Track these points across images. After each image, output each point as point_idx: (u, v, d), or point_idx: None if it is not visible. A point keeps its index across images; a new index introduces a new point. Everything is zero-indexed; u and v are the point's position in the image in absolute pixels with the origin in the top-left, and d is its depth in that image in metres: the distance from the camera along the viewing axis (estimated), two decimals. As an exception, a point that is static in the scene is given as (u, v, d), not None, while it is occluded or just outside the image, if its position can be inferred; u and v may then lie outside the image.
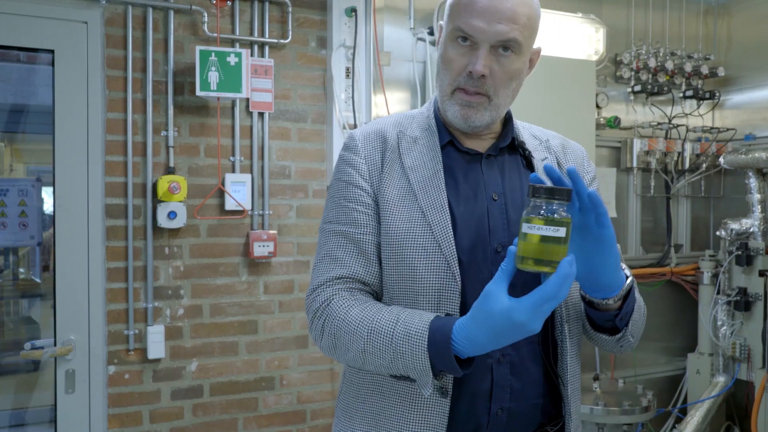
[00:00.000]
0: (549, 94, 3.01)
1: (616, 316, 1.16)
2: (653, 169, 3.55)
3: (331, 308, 1.18)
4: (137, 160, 2.61)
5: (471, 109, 1.21)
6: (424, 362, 1.07)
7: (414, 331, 1.08)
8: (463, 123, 1.23)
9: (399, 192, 1.22)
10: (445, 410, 1.15)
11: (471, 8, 1.17)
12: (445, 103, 1.24)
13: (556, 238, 0.99)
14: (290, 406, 2.87)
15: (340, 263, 1.22)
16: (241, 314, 2.78)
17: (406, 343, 1.08)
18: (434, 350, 1.06)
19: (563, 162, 1.33)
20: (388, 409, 1.19)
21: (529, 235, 0.99)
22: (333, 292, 1.20)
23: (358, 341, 1.14)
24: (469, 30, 1.17)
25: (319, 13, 2.89)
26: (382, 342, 1.11)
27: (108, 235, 2.57)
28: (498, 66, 1.19)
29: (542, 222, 0.99)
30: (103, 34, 2.55)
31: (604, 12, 3.44)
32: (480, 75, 1.18)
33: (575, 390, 1.25)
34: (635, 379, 3.50)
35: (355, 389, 1.26)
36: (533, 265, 1.00)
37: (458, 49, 1.20)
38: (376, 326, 1.12)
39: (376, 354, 1.12)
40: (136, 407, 2.62)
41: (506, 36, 1.17)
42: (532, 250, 0.99)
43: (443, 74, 1.23)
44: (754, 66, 3.60)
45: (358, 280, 1.22)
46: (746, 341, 3.33)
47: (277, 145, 2.84)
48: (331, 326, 1.18)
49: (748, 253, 3.29)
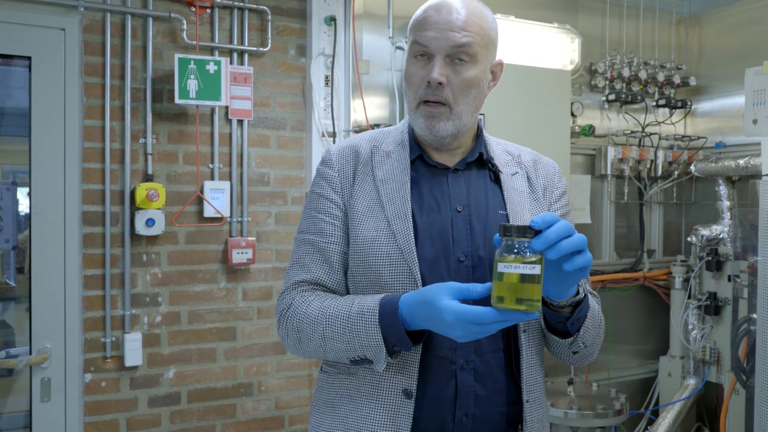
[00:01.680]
0: (525, 102, 3.06)
1: (568, 320, 1.21)
2: (627, 176, 3.62)
3: (293, 308, 1.27)
4: (115, 167, 2.60)
5: (434, 119, 1.26)
6: (377, 337, 1.14)
7: (366, 308, 1.16)
8: (428, 134, 1.28)
9: (369, 203, 1.29)
10: (410, 412, 1.20)
11: (425, 23, 1.25)
12: (413, 117, 1.30)
13: (532, 275, 1.01)
14: (268, 412, 2.88)
15: (305, 269, 1.30)
16: (220, 321, 2.79)
17: (360, 320, 1.16)
18: (384, 322, 1.14)
19: (533, 177, 1.37)
20: (356, 412, 1.24)
21: (505, 274, 1.01)
22: (296, 294, 1.29)
23: (318, 329, 1.21)
24: (423, 41, 1.24)
25: (299, 22, 2.90)
26: (340, 324, 1.18)
27: (85, 242, 2.56)
28: (454, 74, 1.24)
29: (518, 261, 1.01)
30: (81, 41, 2.54)
31: (580, 22, 3.50)
32: (437, 83, 1.23)
33: (537, 398, 1.29)
34: (609, 382, 3.57)
35: (326, 394, 1.32)
36: (511, 303, 1.02)
37: (417, 64, 1.27)
38: (334, 312, 1.20)
39: (334, 338, 1.19)
40: (113, 415, 2.61)
41: (458, 42, 1.22)
42: (509, 288, 1.01)
43: (407, 91, 1.30)
44: (723, 75, 3.69)
45: (322, 284, 1.29)
46: (716, 344, 3.42)
47: (256, 153, 2.85)
48: (294, 323, 1.26)
49: (718, 258, 3.37)
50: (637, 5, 3.67)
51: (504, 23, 3.20)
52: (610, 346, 3.63)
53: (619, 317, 3.65)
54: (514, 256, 1.01)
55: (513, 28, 3.21)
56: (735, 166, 3.30)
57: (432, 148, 1.33)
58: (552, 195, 1.37)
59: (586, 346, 1.27)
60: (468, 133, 1.33)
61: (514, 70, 3.04)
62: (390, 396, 1.21)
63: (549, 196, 1.37)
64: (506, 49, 3.18)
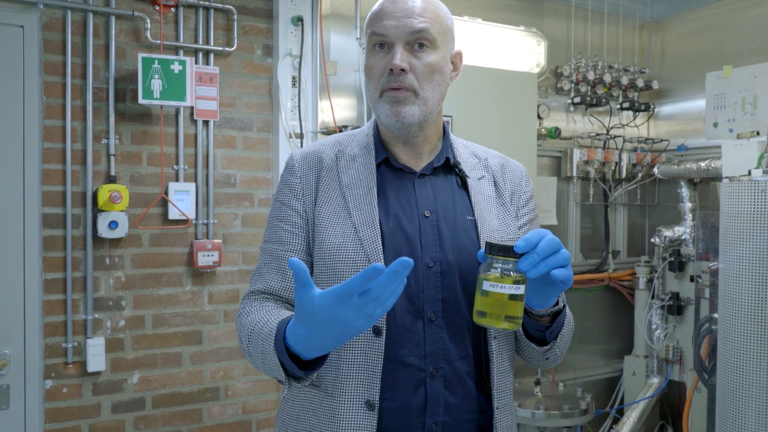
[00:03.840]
0: (493, 105, 3.08)
1: (547, 329, 1.22)
2: (592, 178, 3.67)
3: (241, 317, 1.26)
4: (76, 169, 2.54)
5: (399, 104, 1.23)
6: (274, 361, 1.10)
7: (268, 330, 1.13)
8: (395, 121, 1.24)
9: (334, 209, 1.26)
10: (373, 424, 1.18)
11: (381, 13, 1.25)
12: (377, 107, 1.27)
13: (516, 295, 1.03)
14: (235, 416, 2.84)
15: (261, 279, 1.29)
16: (185, 325, 2.75)
17: (266, 342, 1.12)
18: (278, 348, 1.09)
19: (500, 182, 1.36)
20: (320, 425, 1.22)
21: (490, 292, 1.03)
22: (247, 303, 1.28)
23: (243, 343, 1.22)
24: (381, 31, 1.23)
25: (265, 22, 2.88)
26: (256, 344, 1.16)
27: (45, 245, 2.50)
28: (416, 60, 1.23)
29: (504, 280, 1.03)
30: (41, 39, 2.48)
31: (546, 25, 3.54)
32: (399, 69, 1.21)
33: (506, 404, 1.29)
34: (575, 382, 3.61)
35: (290, 406, 1.30)
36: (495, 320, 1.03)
37: (377, 55, 1.25)
38: (255, 328, 1.18)
39: (255, 356, 1.18)
40: (75, 422, 2.55)
41: (417, 27, 1.22)
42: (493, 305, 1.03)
43: (369, 83, 1.28)
44: (685, 79, 3.76)
45: (274, 293, 1.27)
46: (679, 344, 3.48)
47: (222, 154, 2.81)
48: (238, 333, 1.26)
49: (681, 259, 3.44)
50: (601, 10, 3.73)
51: (471, 26, 3.22)
52: (576, 346, 3.67)
53: (584, 317, 3.70)
54: (499, 274, 1.03)
55: (480, 30, 3.23)
56: (696, 168, 3.36)
57: (399, 144, 1.30)
58: (519, 200, 1.37)
59: (560, 352, 1.28)
60: (433, 125, 1.31)
61: (482, 73, 3.05)
62: (352, 408, 1.19)
63: (517, 201, 1.36)
64: (473, 51, 3.20)
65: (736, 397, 2.22)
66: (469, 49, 3.19)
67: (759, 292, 2.18)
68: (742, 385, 2.21)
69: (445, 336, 1.20)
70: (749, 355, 2.19)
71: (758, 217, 2.20)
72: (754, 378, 2.19)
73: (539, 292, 1.11)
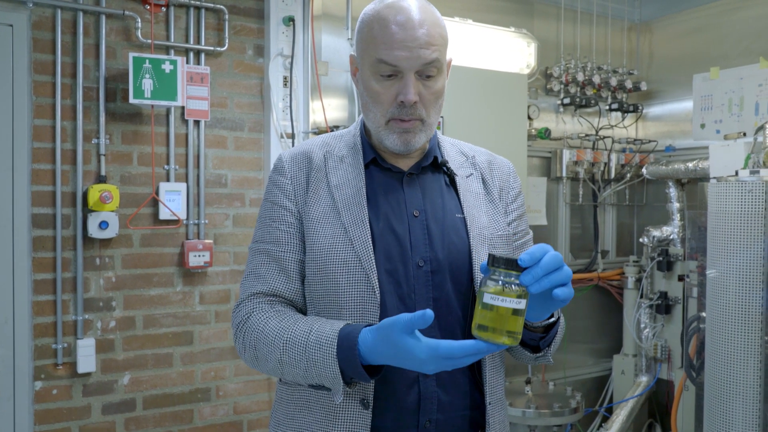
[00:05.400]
0: (484, 105, 3.09)
1: (541, 339, 1.22)
2: (581, 179, 3.69)
3: (251, 321, 1.24)
4: (66, 169, 2.53)
5: (409, 134, 1.24)
6: (334, 369, 1.11)
7: (325, 339, 1.13)
8: (402, 148, 1.26)
9: (324, 210, 1.26)
10: (368, 422, 1.19)
11: (389, 40, 1.20)
12: (381, 133, 1.27)
13: (518, 309, 1.01)
14: (226, 417, 2.84)
15: (262, 280, 1.27)
16: (176, 325, 2.74)
17: (318, 351, 1.13)
18: (342, 356, 1.11)
19: (488, 179, 1.37)
20: (315, 424, 1.22)
21: (491, 305, 1.00)
22: (253, 306, 1.25)
23: (275, 352, 1.18)
24: (393, 61, 1.20)
25: (257, 22, 2.87)
26: (297, 352, 1.15)
27: (35, 245, 2.48)
28: (425, 89, 1.23)
29: (506, 294, 1.00)
30: (30, 38, 2.46)
31: (536, 27, 3.56)
32: (412, 103, 1.21)
33: (498, 399, 1.30)
34: (565, 380, 3.63)
35: (285, 406, 1.30)
36: (495, 335, 1.01)
37: (384, 82, 1.23)
38: (292, 336, 1.17)
39: (292, 364, 1.17)
40: (65, 423, 2.53)
41: (429, 59, 1.21)
42: (494, 320, 1.01)
43: (374, 107, 1.26)
44: (673, 80, 3.80)
45: (279, 295, 1.27)
46: (667, 342, 3.51)
47: (214, 154, 2.81)
48: (252, 338, 1.23)
49: (669, 259, 3.47)
50: (590, 11, 3.75)
51: (462, 27, 3.23)
52: (566, 346, 3.69)
53: (574, 317, 3.72)
54: (502, 287, 1.00)
55: (471, 31, 3.25)
56: (684, 169, 3.40)
57: (389, 152, 1.31)
58: (508, 196, 1.37)
59: (551, 355, 1.29)
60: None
61: (473, 74, 3.07)
62: (347, 406, 1.19)
63: (505, 198, 1.37)
64: (465, 52, 3.21)
65: (723, 395, 2.25)
66: (461, 51, 3.21)
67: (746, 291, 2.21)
68: (730, 383, 2.24)
69: (437, 334, 1.20)
70: (736, 354, 2.22)
71: (745, 216, 2.23)
72: (741, 376, 2.22)
73: (537, 307, 1.11)
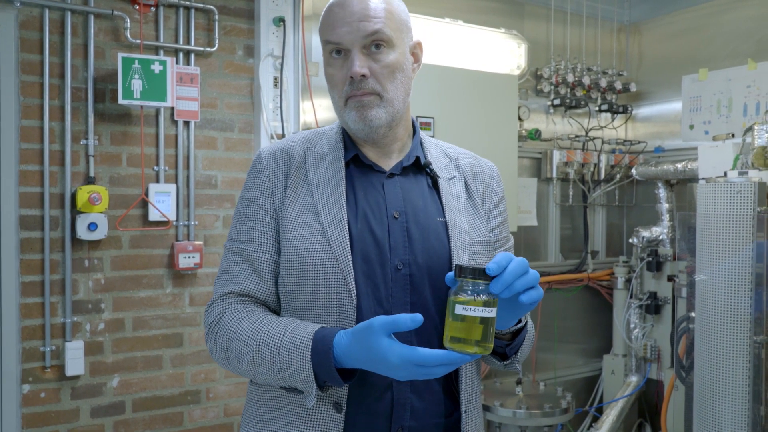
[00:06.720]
0: (474, 106, 3.09)
1: (507, 346, 1.22)
2: (571, 180, 3.71)
3: (222, 322, 1.21)
4: (54, 170, 2.51)
5: (365, 108, 1.22)
6: (308, 372, 1.10)
7: (299, 341, 1.12)
8: (363, 125, 1.23)
9: (302, 209, 1.24)
10: (340, 426, 1.17)
11: (333, 20, 1.22)
12: (344, 115, 1.25)
13: (488, 318, 1.00)
14: (217, 419, 2.82)
15: (234, 279, 1.24)
16: (166, 327, 2.72)
17: (292, 353, 1.12)
18: (316, 359, 1.10)
19: (471, 182, 1.35)
20: (285, 426, 1.20)
21: (461, 316, 1.00)
22: (225, 306, 1.23)
23: (247, 353, 1.17)
24: (336, 38, 1.21)
25: (247, 22, 2.86)
26: (270, 353, 1.14)
27: (23, 247, 2.46)
28: (376, 63, 1.21)
29: (476, 303, 0.99)
30: (18, 38, 2.44)
31: (526, 28, 3.57)
32: (360, 75, 1.20)
33: (474, 407, 1.28)
34: (555, 381, 3.64)
35: (255, 407, 1.27)
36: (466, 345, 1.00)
37: (335, 63, 1.23)
38: (265, 338, 1.15)
39: (264, 366, 1.15)
40: (53, 427, 2.51)
41: (370, 30, 1.20)
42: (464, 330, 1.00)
43: (332, 92, 1.26)
44: (662, 82, 3.82)
45: (250, 295, 1.24)
46: (656, 342, 3.53)
47: (203, 155, 2.79)
48: (223, 339, 1.21)
49: (658, 259, 3.49)
50: (580, 13, 3.77)
51: (452, 28, 3.23)
52: (556, 346, 3.70)
53: (564, 317, 3.73)
54: (471, 297, 1.00)
55: (461, 32, 3.25)
56: (673, 170, 3.42)
57: (367, 145, 1.29)
58: (491, 201, 1.35)
59: (520, 363, 1.28)
60: (402, 124, 1.30)
61: (463, 74, 3.07)
62: (320, 410, 1.17)
63: (488, 203, 1.35)
64: (455, 53, 3.21)
65: (713, 395, 2.26)
66: (451, 52, 3.21)
67: (735, 291, 2.22)
68: (719, 383, 2.25)
69: (413, 339, 1.17)
70: (726, 353, 2.23)
71: (734, 217, 2.24)
72: (730, 375, 2.23)
73: (505, 314, 1.10)
